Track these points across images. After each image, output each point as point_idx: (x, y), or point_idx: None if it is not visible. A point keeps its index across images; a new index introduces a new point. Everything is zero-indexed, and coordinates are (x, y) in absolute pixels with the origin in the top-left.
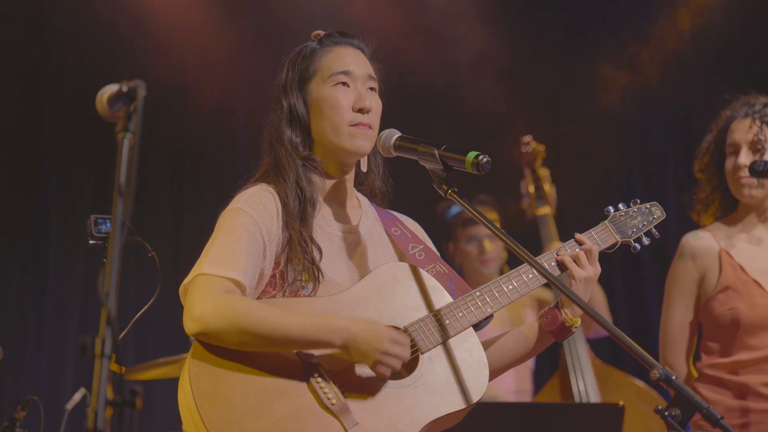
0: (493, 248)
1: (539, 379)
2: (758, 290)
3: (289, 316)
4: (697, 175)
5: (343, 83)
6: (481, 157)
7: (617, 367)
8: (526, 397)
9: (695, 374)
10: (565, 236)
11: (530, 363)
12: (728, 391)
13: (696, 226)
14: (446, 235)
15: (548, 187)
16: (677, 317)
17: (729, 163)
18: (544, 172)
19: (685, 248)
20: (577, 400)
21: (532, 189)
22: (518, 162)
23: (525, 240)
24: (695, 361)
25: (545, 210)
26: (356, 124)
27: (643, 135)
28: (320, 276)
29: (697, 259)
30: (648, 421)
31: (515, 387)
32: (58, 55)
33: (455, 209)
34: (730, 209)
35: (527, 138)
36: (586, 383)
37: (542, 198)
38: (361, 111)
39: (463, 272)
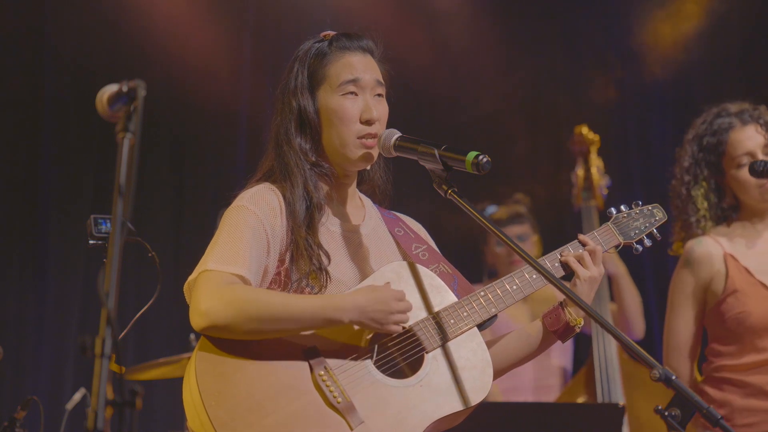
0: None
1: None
2: (765, 292)
3: (296, 299)
4: (692, 193)
5: (352, 92)
6: (481, 157)
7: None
8: (550, 392)
9: (699, 379)
10: None
11: (558, 359)
12: (736, 391)
13: None
14: (482, 238)
15: (597, 179)
16: (682, 324)
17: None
18: (597, 163)
19: (690, 255)
20: (598, 395)
21: (581, 180)
22: (571, 152)
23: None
24: (700, 364)
25: (591, 202)
26: (363, 136)
27: (643, 135)
28: (327, 279)
29: (702, 265)
30: None
31: (534, 383)
32: (58, 55)
33: (490, 210)
34: (729, 216)
35: (581, 128)
36: (609, 378)
37: (589, 189)
38: (368, 122)
39: (498, 274)
